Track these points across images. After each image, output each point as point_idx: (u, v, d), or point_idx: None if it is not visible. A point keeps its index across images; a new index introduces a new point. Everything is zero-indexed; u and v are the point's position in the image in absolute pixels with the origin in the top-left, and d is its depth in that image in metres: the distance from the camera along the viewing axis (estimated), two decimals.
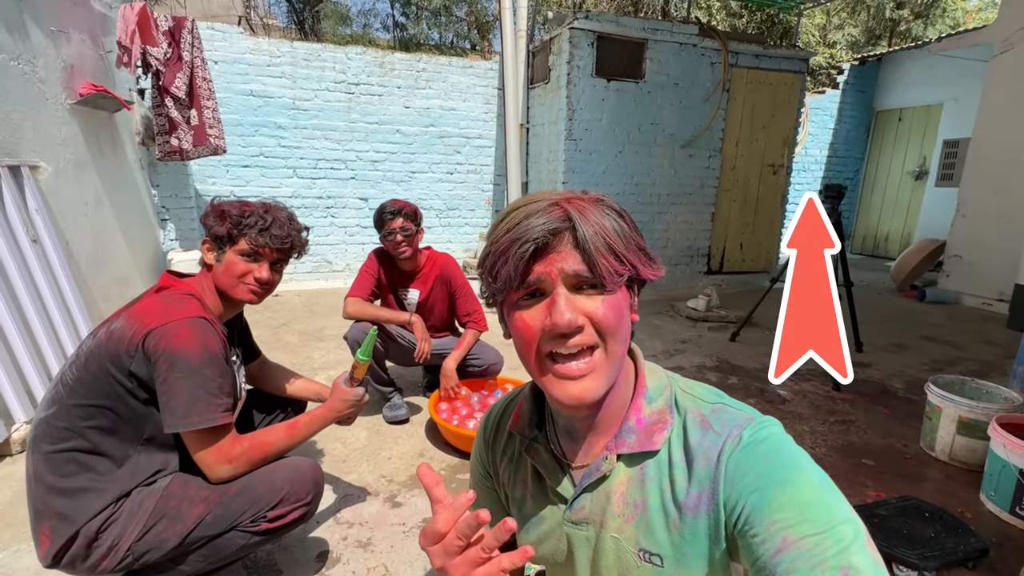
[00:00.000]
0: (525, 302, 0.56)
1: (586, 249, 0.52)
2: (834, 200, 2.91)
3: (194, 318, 1.12)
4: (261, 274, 1.26)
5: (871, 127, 7.10)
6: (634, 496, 0.59)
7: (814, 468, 0.50)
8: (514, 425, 0.71)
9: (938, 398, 2.05)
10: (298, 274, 4.89)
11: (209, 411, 1.08)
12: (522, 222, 0.53)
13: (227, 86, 4.33)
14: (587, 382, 0.54)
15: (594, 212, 0.54)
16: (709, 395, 0.61)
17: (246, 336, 1.55)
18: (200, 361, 1.08)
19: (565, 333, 0.53)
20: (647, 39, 4.39)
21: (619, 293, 0.55)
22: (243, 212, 1.23)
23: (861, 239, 7.35)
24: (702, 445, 0.55)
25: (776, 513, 0.47)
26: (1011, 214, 4.14)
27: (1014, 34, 4.15)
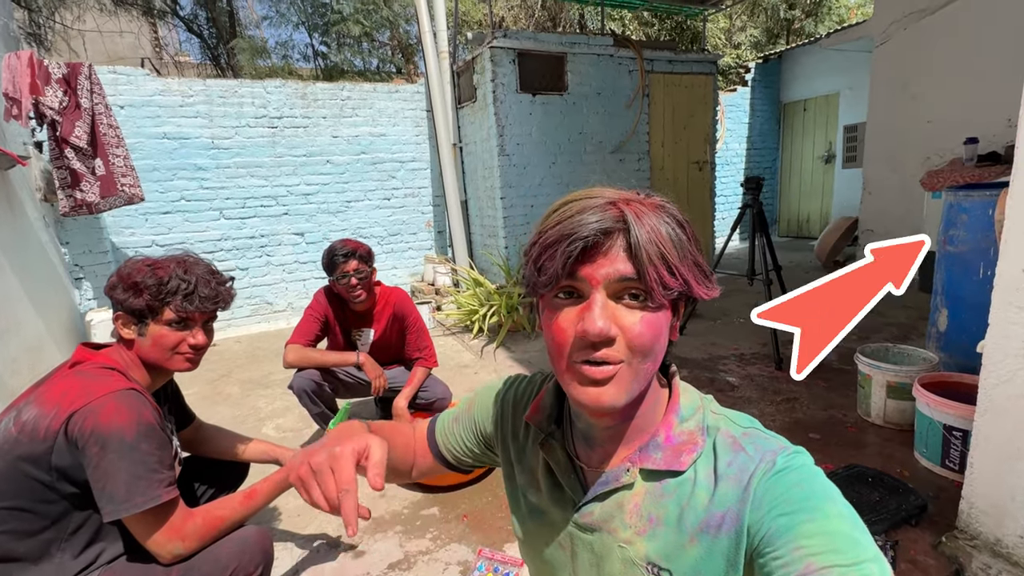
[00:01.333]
0: (561, 300, 0.53)
1: (637, 256, 0.49)
2: (754, 191, 3.09)
3: (121, 391, 1.02)
4: (197, 339, 1.17)
5: (781, 119, 7.64)
6: (649, 510, 0.57)
7: (845, 503, 0.48)
8: (531, 417, 0.68)
9: (867, 367, 2.19)
10: (236, 319, 4.64)
11: (152, 489, 0.98)
12: (574, 216, 0.51)
13: (137, 131, 4.08)
14: (609, 388, 0.52)
15: (652, 217, 0.51)
16: (741, 419, 0.59)
17: (177, 400, 1.43)
18: (135, 436, 0.98)
19: (594, 342, 0.50)
20: (566, 53, 4.53)
21: (662, 312, 0.52)
22: (160, 279, 1.12)
23: (786, 223, 7.85)
24: (733, 466, 0.53)
25: (803, 539, 0.45)
26: (908, 188, 4.55)
27: (889, 27, 4.60)
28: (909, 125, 4.56)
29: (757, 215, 3.09)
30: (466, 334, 3.98)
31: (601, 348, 0.51)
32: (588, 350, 0.51)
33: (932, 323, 2.44)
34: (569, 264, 0.51)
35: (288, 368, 2.05)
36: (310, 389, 1.98)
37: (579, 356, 0.52)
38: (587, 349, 0.51)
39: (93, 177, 3.35)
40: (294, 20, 7.94)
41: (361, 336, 2.21)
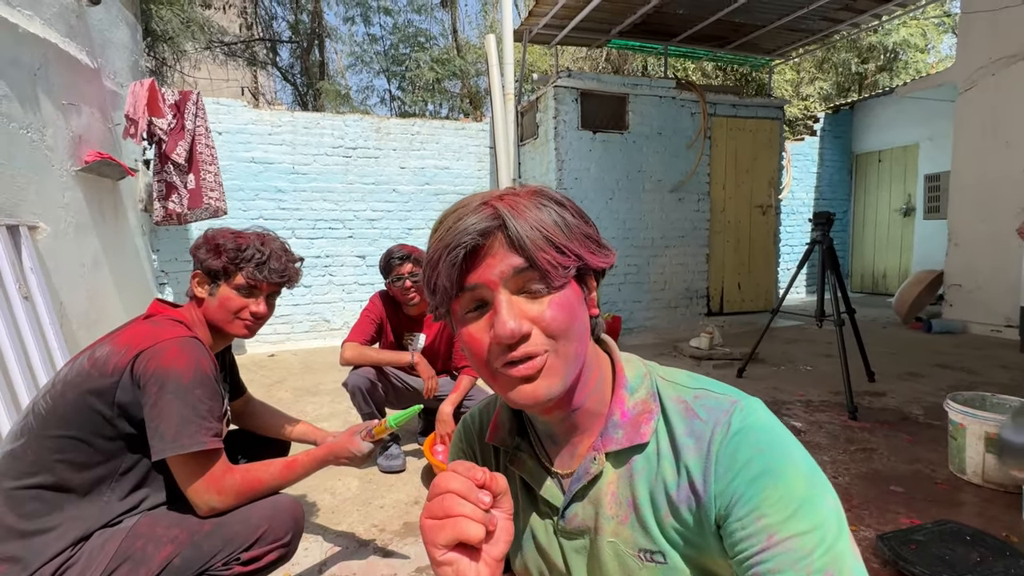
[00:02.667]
0: (471, 315, 0.52)
1: (522, 245, 0.48)
2: (823, 226, 2.93)
3: (184, 337, 1.08)
4: (259, 308, 1.23)
5: (852, 169, 7.34)
6: (624, 494, 0.56)
7: (804, 458, 0.48)
8: (492, 436, 0.66)
9: (960, 415, 1.94)
10: (295, 334, 4.85)
11: (200, 434, 1.01)
12: (452, 227, 0.50)
13: (229, 154, 4.52)
14: (541, 381, 0.50)
15: (528, 205, 0.50)
16: (689, 380, 0.58)
17: (233, 371, 1.49)
18: (191, 381, 1.03)
19: (511, 344, 0.49)
20: (628, 93, 4.63)
21: (568, 289, 0.52)
22: (239, 245, 1.20)
23: (859, 277, 7.36)
24: (690, 435, 0.52)
25: (764, 507, 0.45)
26: (1001, 239, 4.17)
27: (974, 72, 4.39)
28: (1001, 174, 4.24)
29: (827, 251, 2.92)
30: None
31: (519, 346, 0.49)
32: (507, 351, 0.50)
33: None
34: (456, 274, 0.50)
35: (345, 364, 2.10)
36: (364, 387, 2.01)
37: (500, 360, 0.50)
38: (506, 351, 0.50)
39: (184, 190, 3.71)
40: (375, 68, 8.69)
41: (413, 340, 2.23)
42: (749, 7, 4.54)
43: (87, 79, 3.20)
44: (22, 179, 2.46)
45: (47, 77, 2.73)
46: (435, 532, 0.43)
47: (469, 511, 0.43)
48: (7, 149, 2.36)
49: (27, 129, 2.55)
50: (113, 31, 3.65)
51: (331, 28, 9.44)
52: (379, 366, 2.08)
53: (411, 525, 1.76)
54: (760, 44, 5.48)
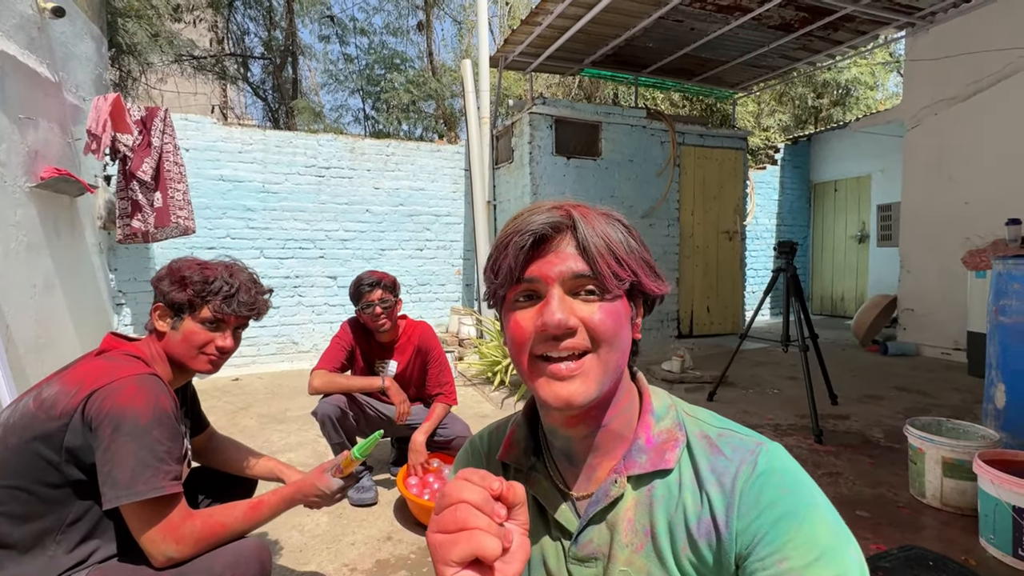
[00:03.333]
0: (520, 303, 0.54)
1: (586, 248, 0.51)
2: (788, 255, 3.05)
3: (143, 375, 1.02)
4: (225, 343, 1.18)
5: (811, 198, 7.71)
6: (642, 521, 0.55)
7: (828, 507, 0.49)
8: (506, 454, 0.64)
9: (918, 440, 2.03)
10: (261, 357, 4.68)
11: (157, 478, 0.94)
12: (526, 218, 0.53)
13: (197, 172, 4.40)
14: (576, 384, 0.51)
15: (599, 218, 0.54)
16: (713, 419, 0.59)
17: (194, 405, 1.42)
18: (149, 421, 0.96)
19: (556, 335, 0.51)
20: (601, 122, 4.77)
21: (619, 303, 0.54)
22: (206, 278, 1.15)
23: (819, 300, 7.67)
24: (714, 470, 0.52)
25: (788, 550, 0.45)
26: (949, 267, 4.43)
27: (919, 112, 4.71)
28: (946, 206, 4.52)
29: (791, 279, 3.04)
30: (487, 385, 3.90)
31: (564, 340, 0.51)
32: (550, 343, 0.51)
33: (988, 400, 2.27)
34: (521, 259, 0.52)
35: (314, 394, 2.03)
36: (334, 415, 1.95)
37: (541, 349, 0.52)
38: (549, 342, 0.51)
39: (151, 208, 3.58)
40: (350, 87, 8.68)
41: (384, 368, 2.19)
42: (714, 44, 4.77)
43: (46, 92, 3.08)
44: None
45: (3, 90, 2.61)
46: (447, 548, 0.39)
47: (485, 524, 0.39)
48: None
49: None
50: (77, 44, 3.54)
51: (305, 46, 9.40)
52: (350, 393, 2.02)
53: (384, 563, 1.70)
54: (724, 78, 5.76)
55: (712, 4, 4.09)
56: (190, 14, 8.66)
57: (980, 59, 4.13)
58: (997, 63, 4.05)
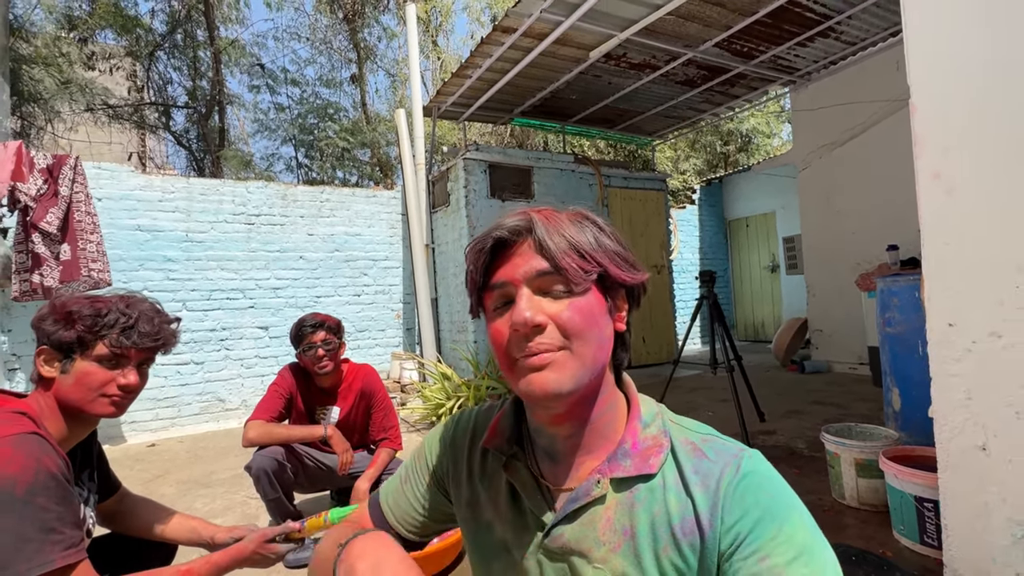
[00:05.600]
0: (497, 311, 0.56)
1: (545, 246, 0.53)
2: (708, 283, 3.31)
3: (19, 435, 0.89)
4: (128, 379, 1.05)
5: (727, 233, 8.41)
6: (622, 522, 0.55)
7: (805, 511, 0.51)
8: (490, 441, 0.65)
9: (833, 445, 2.21)
10: (182, 418, 4.30)
11: (42, 552, 0.83)
12: (489, 227, 0.57)
13: (110, 222, 4.12)
14: (550, 373, 0.53)
15: (564, 220, 0.56)
16: (697, 427, 0.61)
17: (102, 464, 1.28)
18: (28, 489, 0.84)
19: (526, 334, 0.52)
20: (532, 166, 5.02)
21: (590, 296, 0.55)
22: (98, 311, 1.02)
23: (743, 327, 8.23)
24: (698, 472, 0.54)
25: (769, 548, 0.47)
26: (846, 290, 4.95)
27: (807, 156, 5.37)
28: (837, 236, 5.11)
29: (713, 306, 3.28)
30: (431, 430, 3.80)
31: (534, 338, 0.53)
32: (523, 343, 0.53)
33: (888, 404, 2.52)
34: (483, 263, 0.56)
35: (248, 446, 1.90)
36: (271, 469, 1.82)
37: (517, 351, 0.54)
38: (522, 342, 0.53)
39: (56, 262, 3.30)
40: (282, 136, 8.58)
41: (326, 415, 2.10)
42: (630, 96, 5.24)
43: None
44: None
45: None
46: None
47: None
48: None
49: None
50: None
51: (233, 95, 9.26)
52: (288, 444, 1.92)
53: None
54: (642, 126, 6.29)
55: (625, 62, 4.52)
56: (106, 62, 8.32)
57: (851, 111, 4.82)
58: (864, 114, 4.74)
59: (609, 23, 3.82)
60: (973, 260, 1.30)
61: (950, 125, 1.32)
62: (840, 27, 4.24)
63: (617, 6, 3.60)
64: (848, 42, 4.52)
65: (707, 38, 4.18)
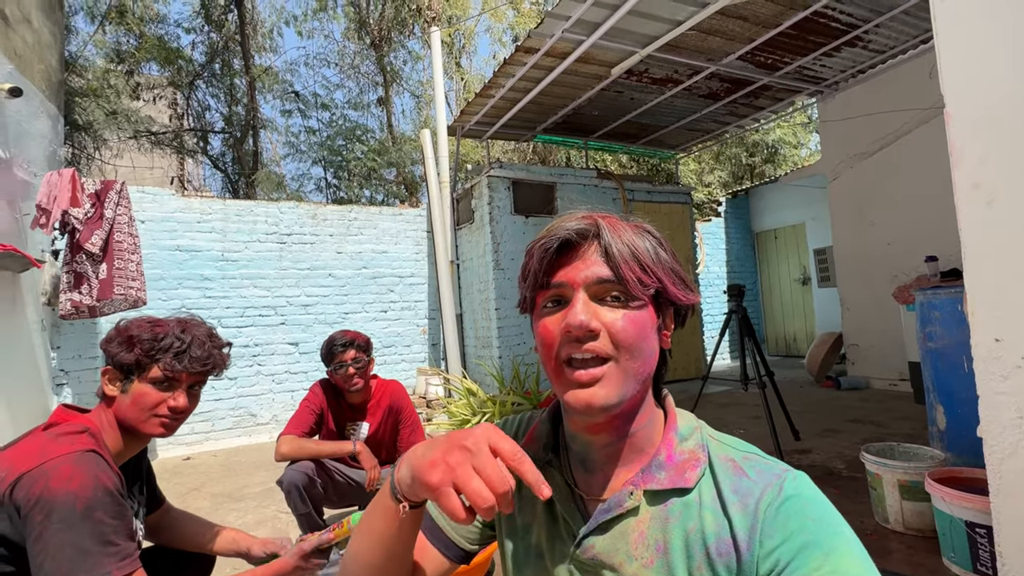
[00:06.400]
0: (548, 309, 0.56)
1: (610, 254, 0.53)
2: (737, 298, 3.24)
3: (80, 452, 0.95)
4: (177, 402, 1.11)
5: (755, 245, 8.24)
6: (655, 536, 0.54)
7: (856, 540, 0.48)
8: (527, 447, 0.64)
9: (874, 465, 2.12)
10: (216, 432, 4.42)
11: (101, 564, 0.87)
12: (555, 226, 0.56)
13: (152, 243, 4.32)
14: (596, 388, 0.52)
15: (627, 229, 0.56)
16: (738, 444, 0.59)
17: (150, 480, 1.34)
18: (87, 505, 0.89)
19: (579, 337, 0.52)
20: (556, 182, 5.05)
21: (644, 311, 0.55)
22: (156, 335, 1.10)
23: (774, 342, 8.00)
24: (737, 491, 0.52)
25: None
26: (883, 303, 4.78)
27: (837, 166, 5.25)
28: (872, 248, 4.95)
29: (742, 320, 3.21)
30: None
31: (586, 342, 0.52)
32: (574, 345, 0.53)
33: (932, 423, 2.41)
34: (547, 263, 0.55)
35: (281, 460, 1.94)
36: (302, 484, 1.86)
37: (566, 352, 0.53)
38: (573, 344, 0.53)
39: (95, 280, 3.46)
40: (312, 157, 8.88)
41: (356, 430, 2.13)
42: (653, 111, 5.24)
43: None
44: None
45: None
46: (463, 470, 0.44)
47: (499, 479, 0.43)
48: None
49: None
50: (32, 122, 3.54)
51: (267, 120, 9.65)
52: (319, 459, 1.95)
53: None
54: (665, 140, 6.27)
55: (647, 77, 4.54)
56: (150, 92, 8.81)
57: (882, 119, 4.70)
58: (896, 122, 4.62)
59: (631, 40, 3.85)
60: (1019, 272, 1.25)
61: (988, 133, 1.29)
62: (868, 36, 4.17)
63: (638, 23, 3.64)
64: (876, 51, 4.44)
65: (730, 51, 4.17)
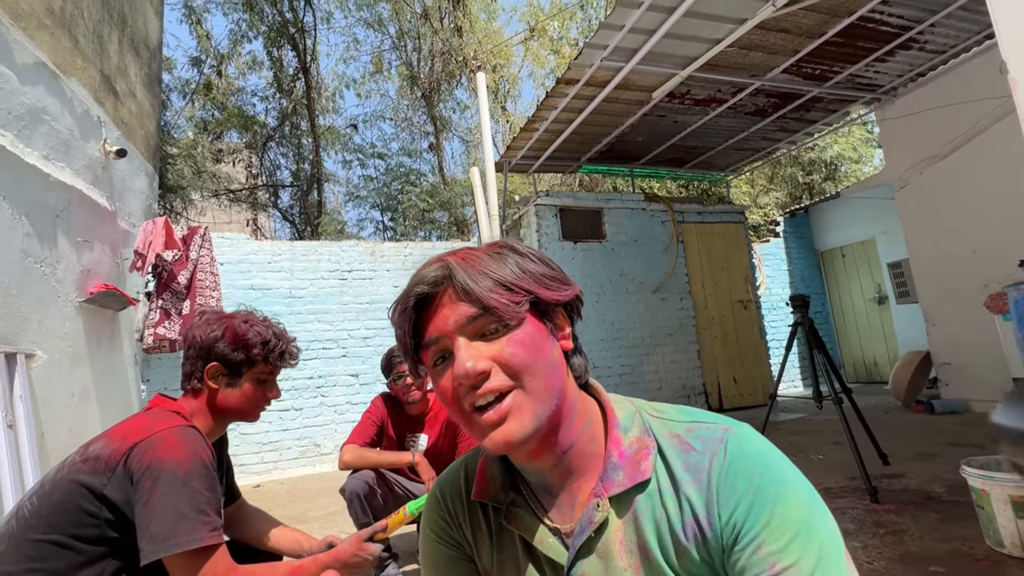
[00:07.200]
0: (439, 367, 0.54)
1: (468, 290, 0.51)
2: (801, 308, 3.07)
3: (182, 426, 1.06)
4: (276, 393, 1.27)
5: (820, 265, 7.79)
6: (633, 539, 0.53)
7: (799, 480, 0.49)
8: (481, 493, 0.61)
9: (979, 480, 1.89)
10: (283, 462, 4.60)
11: (195, 530, 0.95)
12: (410, 286, 0.54)
13: (229, 283, 4.70)
14: (508, 425, 0.50)
15: (481, 256, 0.54)
16: (679, 414, 0.57)
17: (228, 473, 1.43)
18: (187, 473, 0.98)
19: (474, 384, 0.50)
20: (603, 208, 5.09)
21: (527, 327, 0.53)
22: (265, 338, 1.21)
23: (852, 367, 7.39)
24: (688, 467, 0.52)
25: (764, 535, 0.46)
26: (974, 316, 4.34)
27: (904, 173, 4.95)
28: (954, 257, 4.56)
29: (809, 332, 3.02)
30: None
31: (481, 385, 0.51)
32: (472, 393, 0.51)
33: None
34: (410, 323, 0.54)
35: (344, 468, 2.02)
36: (363, 492, 1.91)
37: (468, 401, 0.51)
38: (471, 392, 0.51)
39: (178, 316, 3.80)
40: (370, 202, 9.46)
41: (415, 442, 2.17)
42: (698, 133, 5.22)
43: (103, 220, 3.46)
44: (27, 309, 2.54)
45: (68, 218, 2.96)
46: None
47: None
48: (20, 281, 2.48)
49: (41, 264, 2.70)
50: (133, 179, 4.04)
51: (329, 173, 10.46)
52: (379, 470, 2.00)
53: None
54: (713, 162, 6.18)
55: (690, 99, 4.56)
56: (230, 156, 9.83)
57: (951, 121, 4.43)
58: (967, 122, 4.33)
59: (669, 63, 3.91)
60: None
61: None
62: (923, 37, 4.01)
63: (676, 46, 3.70)
64: (935, 51, 4.25)
65: (774, 65, 4.13)
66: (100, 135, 3.36)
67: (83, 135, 3.15)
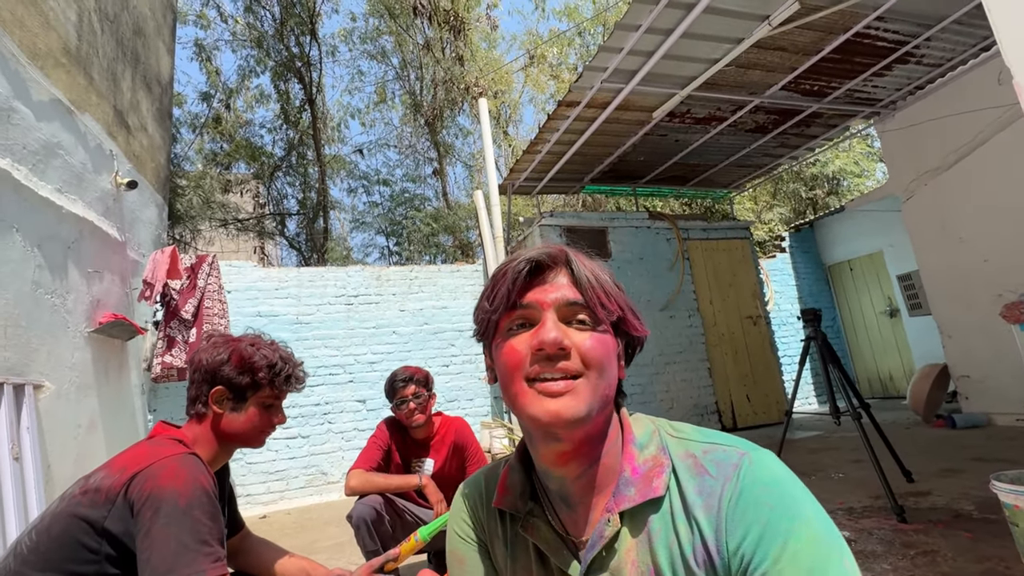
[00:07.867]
0: (514, 331, 0.56)
1: (579, 279, 0.56)
2: (813, 322, 3.02)
3: (184, 454, 1.04)
4: (282, 418, 1.24)
5: (828, 279, 7.73)
6: (645, 561, 0.52)
7: (816, 515, 0.47)
8: (501, 500, 0.62)
9: (1011, 496, 1.81)
10: (290, 491, 4.52)
11: (198, 562, 0.91)
12: (521, 252, 0.59)
13: (236, 310, 4.72)
14: (566, 399, 0.52)
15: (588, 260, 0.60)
16: (698, 435, 0.58)
17: (231, 503, 1.40)
18: (189, 502, 0.95)
19: (551, 355, 0.53)
20: (607, 226, 5.10)
21: (608, 336, 0.56)
22: (271, 362, 1.19)
23: (867, 383, 7.25)
24: (702, 492, 0.51)
25: (774, 572, 0.44)
26: (991, 326, 4.26)
27: (909, 185, 4.94)
28: (965, 267, 4.51)
29: (823, 346, 2.96)
30: None
31: (557, 361, 0.53)
32: (545, 363, 0.53)
33: None
34: (519, 281, 0.56)
35: (351, 493, 1.97)
36: (370, 518, 1.86)
37: (535, 370, 0.53)
38: (544, 362, 0.53)
39: (185, 344, 3.80)
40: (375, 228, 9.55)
41: (421, 466, 2.13)
42: (700, 150, 5.26)
43: (114, 250, 3.50)
44: (37, 340, 2.55)
45: (79, 249, 2.99)
46: None
47: None
48: (31, 312, 2.50)
49: (52, 295, 2.72)
50: (143, 210, 4.10)
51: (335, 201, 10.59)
52: (387, 495, 1.95)
53: None
54: (715, 179, 6.21)
55: (690, 117, 4.61)
56: (238, 187, 10.00)
57: (953, 132, 4.44)
58: (969, 133, 4.34)
59: (669, 83, 3.97)
60: None
61: None
62: (920, 51, 4.06)
63: (674, 67, 3.76)
64: (933, 64, 4.29)
65: (772, 83, 4.18)
66: (112, 168, 3.43)
67: (95, 168, 3.21)
